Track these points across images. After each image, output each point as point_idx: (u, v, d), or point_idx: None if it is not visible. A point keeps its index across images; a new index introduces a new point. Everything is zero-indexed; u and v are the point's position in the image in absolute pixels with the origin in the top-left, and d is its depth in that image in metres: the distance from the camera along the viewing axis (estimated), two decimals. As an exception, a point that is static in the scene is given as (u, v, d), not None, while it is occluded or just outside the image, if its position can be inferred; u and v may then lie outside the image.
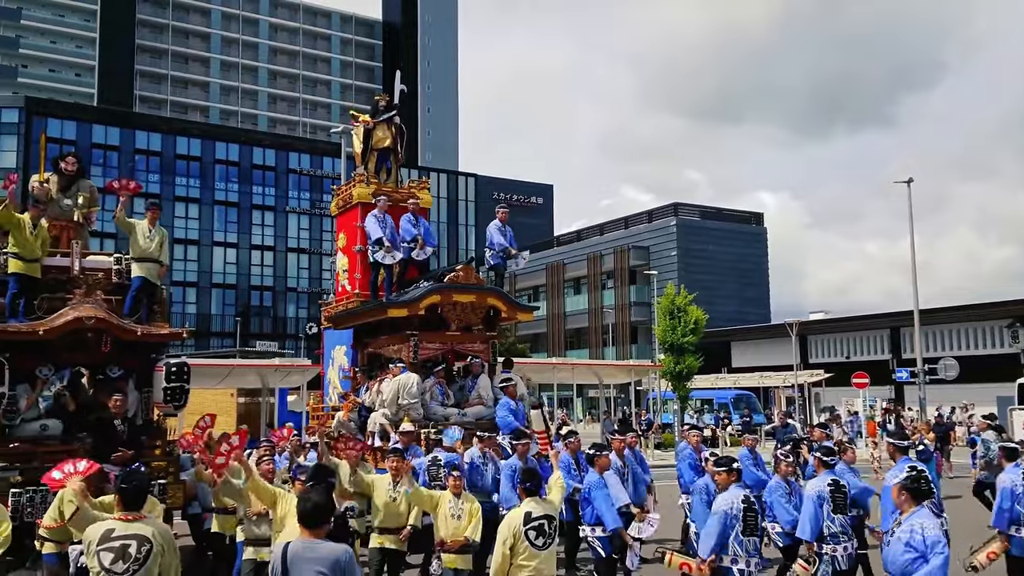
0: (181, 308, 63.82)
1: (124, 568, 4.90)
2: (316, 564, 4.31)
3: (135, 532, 5.00)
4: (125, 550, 4.93)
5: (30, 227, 9.64)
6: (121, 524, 5.03)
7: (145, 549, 4.98)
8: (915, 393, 33.60)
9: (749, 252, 67.09)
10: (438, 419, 11.92)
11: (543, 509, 6.41)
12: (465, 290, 12.79)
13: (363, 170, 15.50)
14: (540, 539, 6.26)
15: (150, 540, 5.01)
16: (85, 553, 5.04)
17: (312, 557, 4.33)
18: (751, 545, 6.79)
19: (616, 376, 33.09)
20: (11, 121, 63.04)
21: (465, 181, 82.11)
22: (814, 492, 7.78)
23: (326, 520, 4.57)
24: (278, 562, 4.37)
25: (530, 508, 6.36)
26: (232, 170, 70.20)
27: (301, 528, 4.50)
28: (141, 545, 4.97)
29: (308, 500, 4.57)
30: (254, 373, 22.96)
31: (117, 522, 5.05)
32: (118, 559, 4.91)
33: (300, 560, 4.33)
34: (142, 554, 4.96)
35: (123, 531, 4.98)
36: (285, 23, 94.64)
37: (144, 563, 4.95)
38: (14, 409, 9.39)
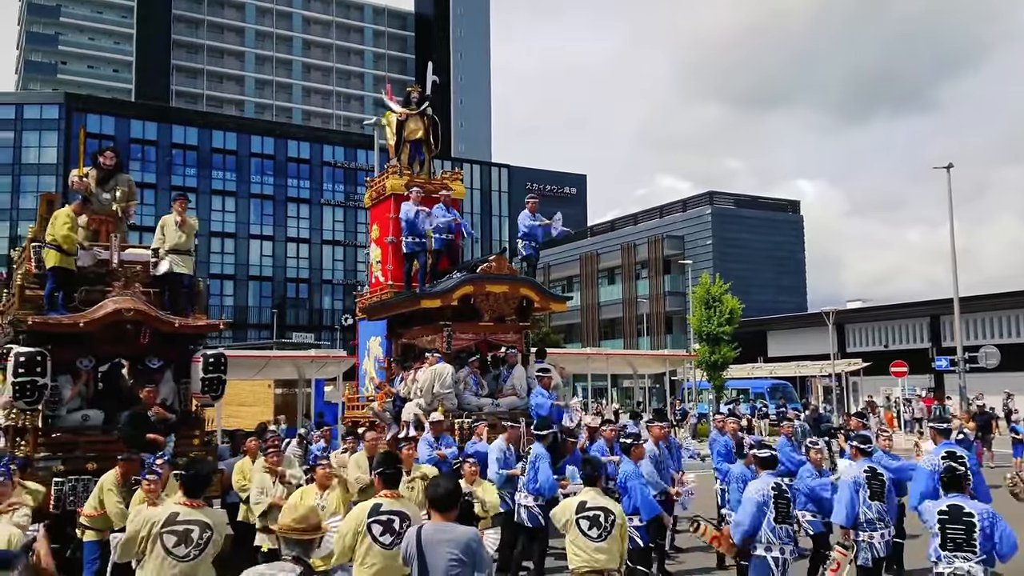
0: (219, 300, 64.58)
1: (185, 552, 5.05)
2: (449, 546, 4.52)
3: (198, 519, 5.15)
4: (188, 535, 5.07)
5: (74, 221, 9.82)
6: (185, 509, 5.16)
7: (207, 536, 5.12)
8: (955, 382, 33.06)
9: (785, 241, 66.28)
10: (472, 409, 11.96)
11: (600, 501, 6.30)
12: (498, 280, 12.79)
13: (396, 162, 15.57)
14: (594, 530, 6.17)
15: (211, 528, 5.16)
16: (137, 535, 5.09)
17: (445, 539, 4.54)
18: (783, 532, 6.75)
19: (651, 366, 32.90)
20: (51, 117, 64.12)
21: (498, 172, 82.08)
22: (850, 479, 7.72)
23: (455, 505, 4.77)
24: (413, 545, 4.57)
25: (586, 498, 6.32)
26: (267, 163, 70.81)
27: (433, 512, 4.70)
28: (203, 532, 5.11)
29: (439, 486, 4.78)
30: (290, 364, 23.18)
31: (181, 507, 5.18)
32: (181, 543, 5.05)
33: (434, 543, 4.53)
34: (203, 540, 5.11)
35: (187, 516, 5.12)
36: (318, 16, 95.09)
37: (204, 549, 5.10)
38: (56, 400, 9.58)
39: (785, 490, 6.89)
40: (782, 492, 6.83)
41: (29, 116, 64.19)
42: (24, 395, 9.02)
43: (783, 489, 6.86)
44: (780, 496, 6.77)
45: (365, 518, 5.30)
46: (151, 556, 5.04)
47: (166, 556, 5.01)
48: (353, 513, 5.52)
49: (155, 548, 5.01)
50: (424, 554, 4.50)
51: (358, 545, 5.26)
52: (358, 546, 5.26)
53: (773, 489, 6.77)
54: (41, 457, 9.15)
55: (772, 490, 6.76)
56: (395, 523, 5.30)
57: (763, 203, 69.74)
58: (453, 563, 4.50)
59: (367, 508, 5.38)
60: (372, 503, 5.41)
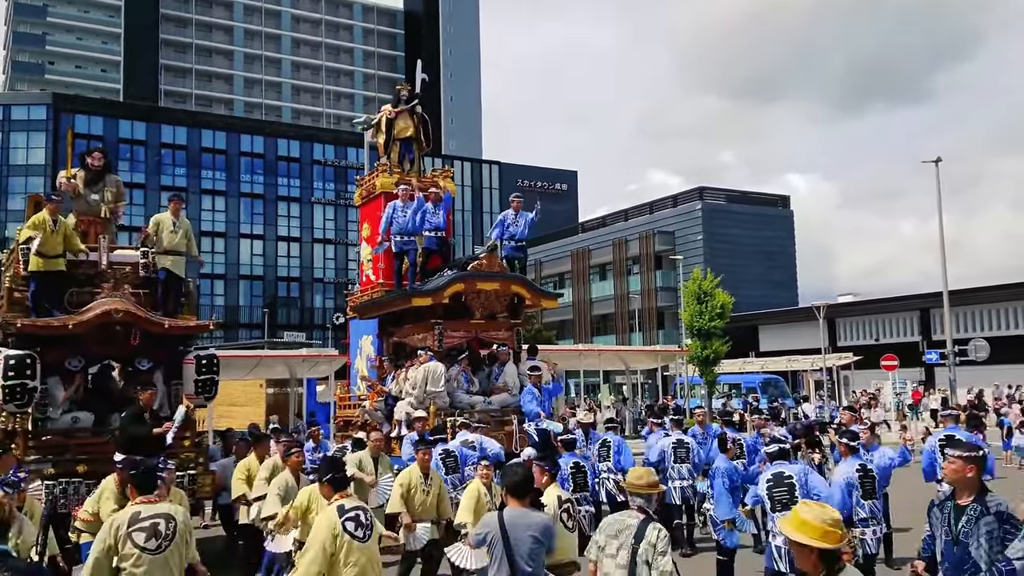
0: (209, 300, 64.38)
1: (157, 545, 5.20)
2: (531, 530, 4.97)
3: (160, 511, 5.32)
4: (155, 528, 5.21)
5: (50, 224, 9.76)
6: (145, 506, 5.31)
7: (172, 526, 5.29)
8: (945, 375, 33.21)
9: (775, 235, 66.48)
10: (464, 407, 11.96)
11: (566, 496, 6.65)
12: (489, 278, 12.79)
13: (386, 160, 15.54)
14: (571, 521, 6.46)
15: (174, 517, 5.34)
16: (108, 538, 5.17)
17: (526, 523, 4.99)
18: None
19: (643, 362, 33.00)
20: (39, 118, 63.79)
21: (489, 169, 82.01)
22: (843, 479, 7.85)
23: (531, 491, 5.29)
24: (496, 529, 5.00)
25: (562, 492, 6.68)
26: (257, 162, 70.61)
27: (511, 498, 5.10)
28: (168, 522, 5.28)
29: (516, 474, 5.22)
30: (282, 364, 23.14)
31: (140, 505, 5.32)
32: (150, 537, 5.18)
33: (517, 527, 4.96)
34: (170, 531, 5.27)
35: (149, 512, 5.27)
36: (307, 14, 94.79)
37: (172, 539, 5.27)
38: (47, 402, 9.54)
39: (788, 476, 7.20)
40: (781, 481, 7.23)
41: (17, 117, 63.84)
42: (14, 398, 8.98)
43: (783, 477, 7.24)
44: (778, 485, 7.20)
45: (337, 519, 5.50)
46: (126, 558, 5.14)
47: (140, 553, 5.14)
48: (322, 520, 5.65)
49: (126, 548, 5.13)
50: (508, 537, 4.91)
51: (338, 550, 5.41)
52: (338, 550, 5.41)
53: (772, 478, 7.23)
54: (32, 460, 9.10)
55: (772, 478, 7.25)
56: (361, 517, 5.61)
57: (753, 198, 69.94)
58: (535, 545, 4.96)
59: (333, 510, 5.59)
60: (336, 505, 5.64)
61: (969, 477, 4.71)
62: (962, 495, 4.75)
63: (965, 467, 4.71)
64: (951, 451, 4.83)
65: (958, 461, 4.73)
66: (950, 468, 4.78)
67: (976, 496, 4.69)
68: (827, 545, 3.42)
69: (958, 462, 4.73)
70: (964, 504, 4.70)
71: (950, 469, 4.78)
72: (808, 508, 3.60)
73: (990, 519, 4.54)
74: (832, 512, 3.57)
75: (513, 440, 11.64)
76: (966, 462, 4.71)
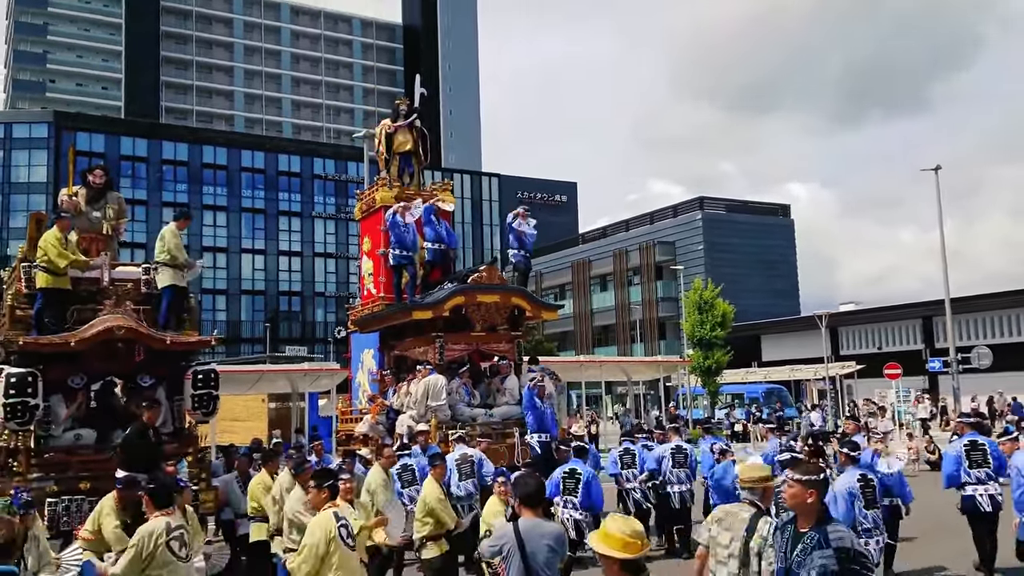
0: (211, 315, 64.39)
1: (186, 553, 5.80)
2: (546, 539, 5.01)
3: (180, 523, 5.89)
4: (183, 537, 5.79)
5: (61, 241, 9.80)
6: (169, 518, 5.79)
7: (188, 536, 5.92)
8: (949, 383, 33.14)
9: (776, 244, 66.45)
10: (465, 419, 11.96)
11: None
12: (489, 290, 12.81)
13: (386, 174, 15.58)
14: None
15: (187, 528, 5.99)
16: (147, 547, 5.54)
17: (541, 533, 5.03)
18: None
19: (645, 373, 32.94)
20: (40, 136, 63.97)
21: (488, 181, 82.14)
22: (845, 489, 7.82)
23: (543, 500, 5.39)
24: (512, 539, 5.02)
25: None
26: (258, 177, 70.76)
27: (524, 508, 5.13)
28: (184, 532, 5.86)
29: (529, 484, 5.27)
30: (284, 378, 23.14)
31: (167, 517, 5.80)
32: (182, 546, 5.74)
33: (533, 536, 4.99)
34: (188, 539, 5.90)
35: (175, 523, 5.80)
36: (306, 30, 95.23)
37: (191, 546, 5.93)
38: (49, 420, 9.54)
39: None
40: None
41: (18, 135, 64.00)
42: (16, 416, 8.99)
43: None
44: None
45: (334, 524, 5.85)
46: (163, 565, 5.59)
47: (175, 560, 5.64)
48: (318, 523, 5.96)
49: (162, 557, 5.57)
50: (525, 547, 4.95)
51: (330, 554, 5.75)
52: (330, 555, 5.75)
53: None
54: (34, 478, 9.10)
55: None
56: (350, 527, 6.03)
57: (753, 207, 69.96)
58: (550, 554, 5.01)
59: (329, 516, 5.94)
60: (332, 511, 5.99)
61: (809, 503, 4.40)
62: (802, 521, 4.45)
63: (805, 492, 4.38)
64: (791, 474, 4.50)
65: (797, 485, 4.41)
66: (789, 492, 4.47)
67: (816, 524, 4.37)
68: (628, 555, 3.56)
69: (797, 486, 4.41)
70: (802, 531, 4.40)
71: (789, 493, 4.47)
72: (613, 521, 3.72)
73: (827, 553, 4.22)
74: (635, 524, 3.70)
75: (515, 452, 11.64)
76: (806, 487, 4.39)
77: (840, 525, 4.45)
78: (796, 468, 4.56)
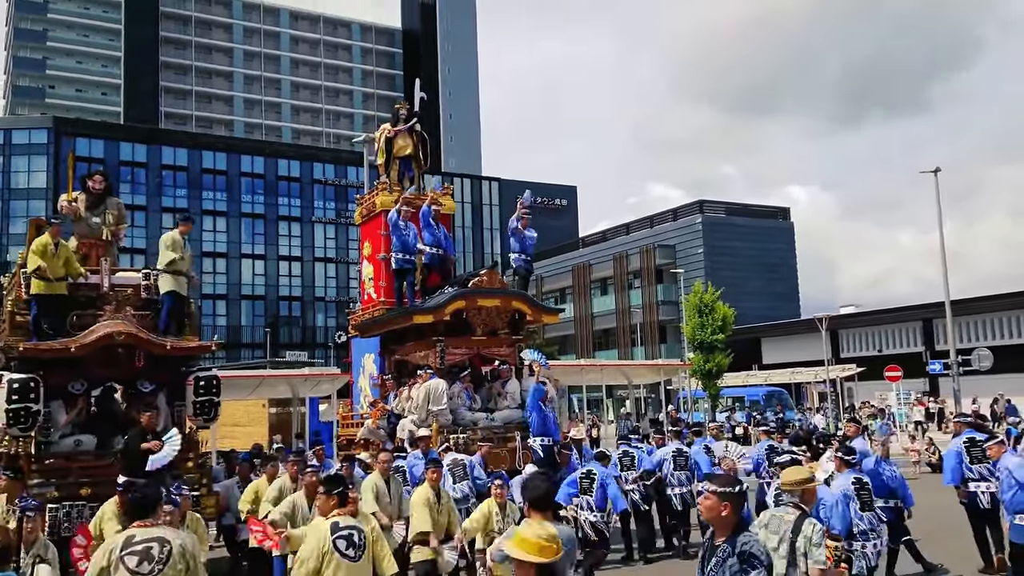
0: (211, 320, 64.36)
1: (149, 569, 5.05)
2: None
3: (155, 535, 5.18)
4: (148, 552, 5.08)
5: (52, 248, 9.79)
6: (140, 530, 5.20)
7: (166, 550, 5.12)
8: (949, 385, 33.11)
9: (776, 247, 66.47)
10: (466, 424, 11.94)
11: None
12: (490, 294, 12.79)
13: (386, 179, 15.58)
14: None
15: (169, 541, 5.16)
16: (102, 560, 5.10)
17: None
18: None
19: (645, 376, 32.91)
20: (40, 141, 64.05)
21: (489, 185, 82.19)
22: (840, 492, 7.85)
23: (552, 504, 5.28)
24: None
25: None
26: (258, 182, 70.83)
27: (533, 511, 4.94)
28: (162, 546, 5.12)
29: (538, 487, 5.06)
30: (284, 383, 23.10)
31: (136, 529, 5.23)
32: (142, 560, 5.05)
33: None
34: (164, 555, 5.11)
35: (144, 535, 5.15)
36: (306, 35, 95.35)
37: (167, 563, 5.10)
38: (49, 425, 9.54)
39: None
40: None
41: (18, 141, 64.09)
42: (18, 422, 8.98)
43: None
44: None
45: (329, 536, 5.58)
46: None
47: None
48: (312, 533, 5.75)
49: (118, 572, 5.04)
50: None
51: (324, 566, 5.51)
52: (324, 567, 5.50)
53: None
54: (35, 484, 9.09)
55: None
56: (355, 537, 5.67)
57: (753, 211, 69.98)
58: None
59: (326, 527, 5.64)
60: (330, 522, 5.68)
61: (724, 515, 4.28)
62: (718, 534, 4.35)
63: (720, 504, 4.27)
64: (706, 485, 4.38)
65: (713, 497, 4.29)
66: (705, 504, 4.34)
67: (729, 536, 4.28)
68: (543, 559, 3.55)
69: (713, 498, 4.29)
70: (717, 544, 4.33)
71: (704, 505, 4.35)
72: (528, 526, 3.74)
73: (733, 561, 4.17)
74: (550, 529, 3.72)
75: (516, 456, 11.62)
76: (721, 499, 4.27)
77: (751, 534, 4.35)
78: (712, 480, 4.45)
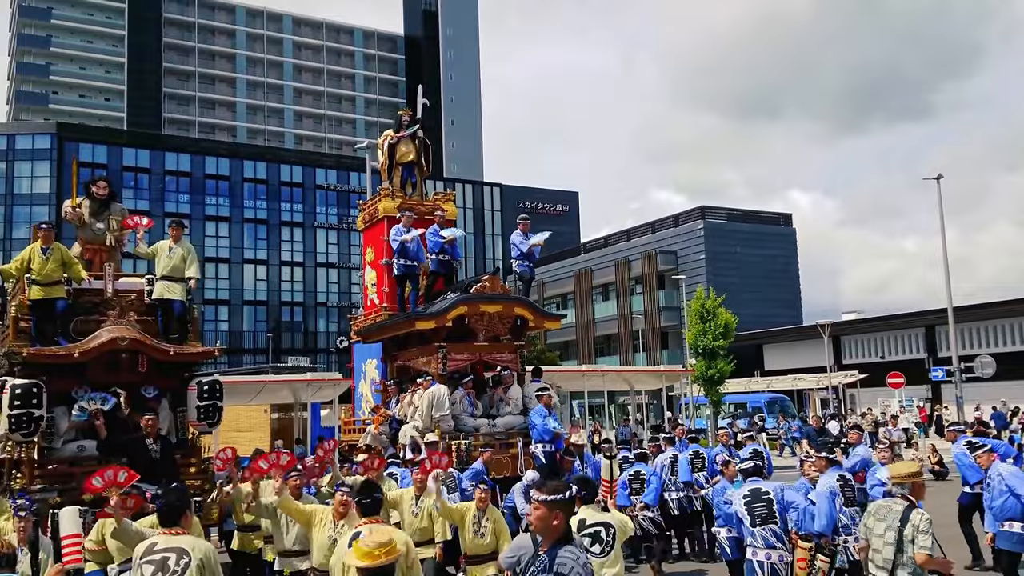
0: (214, 326, 64.47)
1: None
2: None
3: (175, 545, 5.11)
4: (165, 562, 5.03)
5: (39, 254, 9.80)
6: (164, 538, 5.17)
7: (184, 562, 5.05)
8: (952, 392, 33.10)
9: (778, 253, 66.49)
10: (469, 430, 11.95)
11: (598, 517, 6.48)
12: (492, 300, 12.79)
13: (388, 184, 15.62)
14: (596, 546, 6.28)
15: (188, 553, 5.09)
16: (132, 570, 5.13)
17: None
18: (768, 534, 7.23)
19: (647, 382, 32.86)
20: (43, 147, 64.19)
21: (490, 191, 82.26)
22: (826, 489, 8.18)
23: None
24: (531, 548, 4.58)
25: (585, 516, 6.41)
26: (260, 188, 70.91)
27: None
28: (180, 558, 5.05)
29: None
30: (286, 388, 23.10)
31: (160, 536, 5.21)
32: (158, 571, 5.00)
33: None
34: (180, 567, 5.03)
35: (164, 544, 5.11)
36: (308, 41, 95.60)
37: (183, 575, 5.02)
38: (52, 431, 9.55)
39: (766, 492, 7.41)
40: (759, 496, 7.40)
41: (21, 146, 64.24)
42: (20, 427, 8.99)
43: (761, 493, 7.42)
44: (756, 500, 7.37)
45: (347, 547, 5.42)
46: None
47: None
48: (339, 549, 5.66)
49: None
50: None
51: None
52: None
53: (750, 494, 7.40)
54: (37, 489, 9.10)
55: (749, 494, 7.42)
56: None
57: (755, 217, 70.00)
58: None
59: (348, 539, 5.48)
60: (353, 532, 5.52)
61: (555, 525, 4.03)
62: (544, 543, 4.09)
63: (550, 514, 3.99)
64: (536, 494, 4.07)
65: (543, 507, 4.00)
66: (535, 515, 4.03)
67: (551, 547, 4.02)
68: (367, 564, 3.92)
69: (543, 508, 4.00)
70: (539, 554, 4.11)
71: (535, 516, 4.04)
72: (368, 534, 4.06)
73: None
74: (379, 538, 4.05)
75: (519, 463, 11.62)
76: (551, 508, 4.00)
77: (573, 549, 4.04)
78: (542, 488, 4.10)
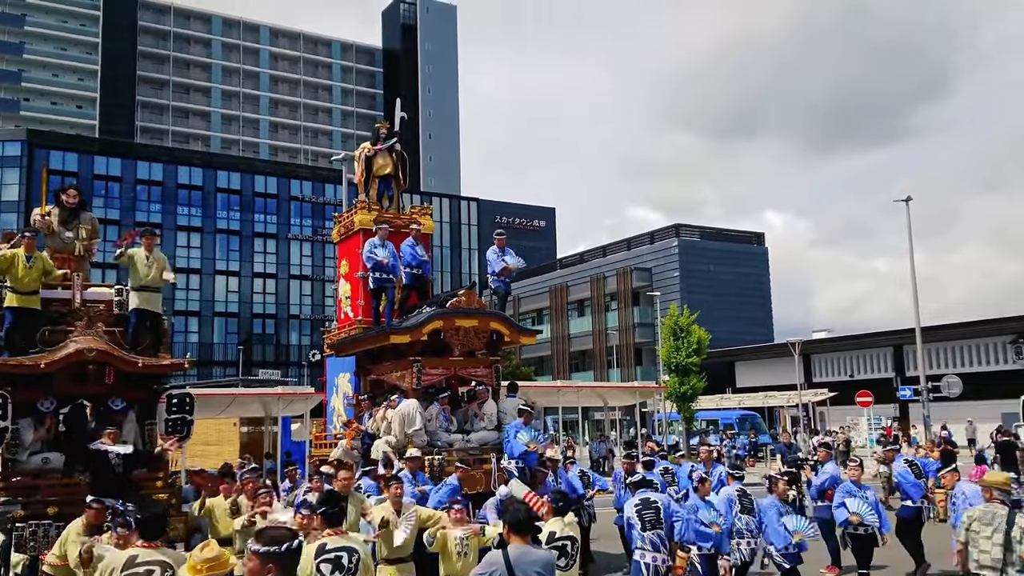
0: (183, 337, 63.75)
1: None
2: (535, 566, 5.08)
3: (158, 559, 5.09)
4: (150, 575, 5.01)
5: (24, 262, 9.65)
6: (144, 551, 5.12)
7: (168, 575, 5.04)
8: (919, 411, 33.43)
9: (751, 272, 67.06)
10: (443, 446, 11.86)
11: (567, 531, 6.49)
12: (467, 315, 12.72)
13: (365, 197, 15.54)
14: (562, 560, 6.28)
15: (172, 567, 5.07)
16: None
17: (530, 560, 5.09)
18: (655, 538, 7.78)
19: (621, 398, 32.91)
20: (13, 154, 63.29)
21: (467, 205, 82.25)
22: (726, 496, 9.36)
23: (533, 528, 5.37)
24: (503, 567, 5.01)
25: (554, 528, 6.46)
26: (234, 198, 70.35)
27: (513, 536, 5.11)
28: (164, 571, 5.04)
29: (519, 511, 5.23)
30: (257, 402, 22.83)
31: (140, 549, 5.15)
32: None
33: (523, 564, 5.03)
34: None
35: (146, 557, 5.07)
36: (286, 52, 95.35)
37: None
38: (17, 443, 9.36)
39: (653, 503, 7.98)
40: (648, 504, 7.96)
41: (-9, 153, 63.37)
42: (-17, 438, 8.81)
43: (650, 502, 7.99)
44: (646, 508, 7.92)
45: (312, 560, 5.31)
46: None
47: None
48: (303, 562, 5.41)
49: None
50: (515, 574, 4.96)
51: None
52: None
53: (641, 502, 7.97)
54: (1, 502, 8.91)
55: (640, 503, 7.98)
56: (343, 559, 5.36)
57: (728, 235, 70.59)
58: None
59: (312, 550, 5.37)
60: (317, 544, 5.42)
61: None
62: None
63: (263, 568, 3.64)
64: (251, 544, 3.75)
65: (255, 559, 3.67)
66: (248, 567, 3.71)
67: None
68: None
69: (255, 560, 3.67)
70: None
71: (248, 568, 3.71)
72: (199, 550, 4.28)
73: None
74: (208, 553, 4.27)
75: (492, 478, 11.54)
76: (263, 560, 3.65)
77: None
78: (258, 538, 3.79)
